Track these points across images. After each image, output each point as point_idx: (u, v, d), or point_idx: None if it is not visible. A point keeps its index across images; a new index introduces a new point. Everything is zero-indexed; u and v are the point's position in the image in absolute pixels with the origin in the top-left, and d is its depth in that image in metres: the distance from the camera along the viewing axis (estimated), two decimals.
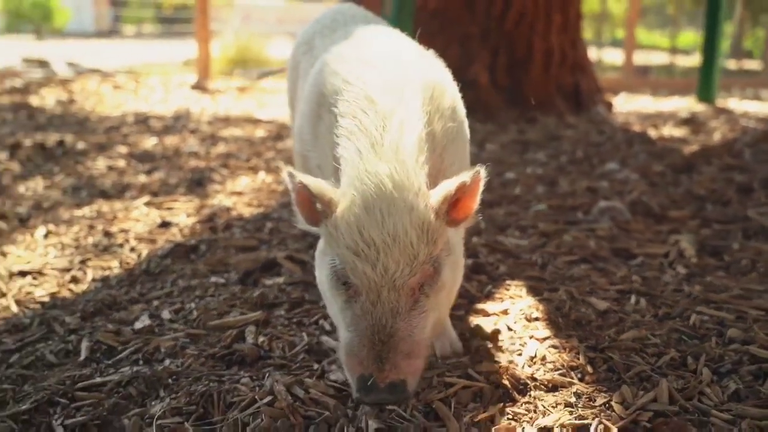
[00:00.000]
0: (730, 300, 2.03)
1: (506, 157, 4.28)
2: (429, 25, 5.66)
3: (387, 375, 1.34)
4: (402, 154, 1.44)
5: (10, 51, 12.91)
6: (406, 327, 1.39)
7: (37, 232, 2.83)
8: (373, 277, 1.37)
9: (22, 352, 1.85)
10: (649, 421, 1.44)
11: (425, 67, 1.73)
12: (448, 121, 1.66)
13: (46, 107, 6.14)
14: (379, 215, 1.37)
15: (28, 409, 1.56)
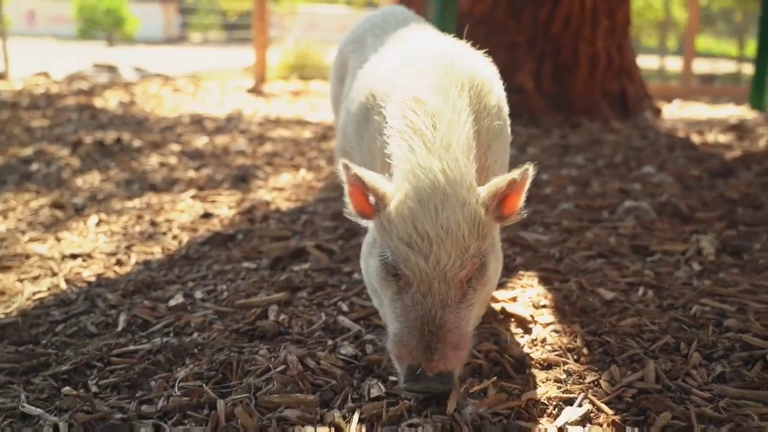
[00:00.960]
0: (736, 294, 2.08)
1: (545, 159, 4.34)
2: (475, 31, 5.72)
3: (435, 365, 1.39)
4: (453, 150, 1.48)
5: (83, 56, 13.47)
6: (455, 319, 1.43)
7: (89, 220, 3.03)
8: (426, 269, 1.41)
9: (67, 323, 2.03)
10: (632, 397, 1.53)
11: (472, 66, 1.75)
12: (493, 120, 1.71)
13: (108, 108, 6.43)
14: (433, 209, 1.42)
15: (67, 370, 1.73)
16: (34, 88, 7.67)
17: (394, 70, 1.73)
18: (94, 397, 1.61)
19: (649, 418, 1.44)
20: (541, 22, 5.71)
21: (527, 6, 5.69)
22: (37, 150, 4.48)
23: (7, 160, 4.27)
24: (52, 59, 12.98)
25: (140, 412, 1.54)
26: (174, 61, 14.02)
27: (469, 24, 5.76)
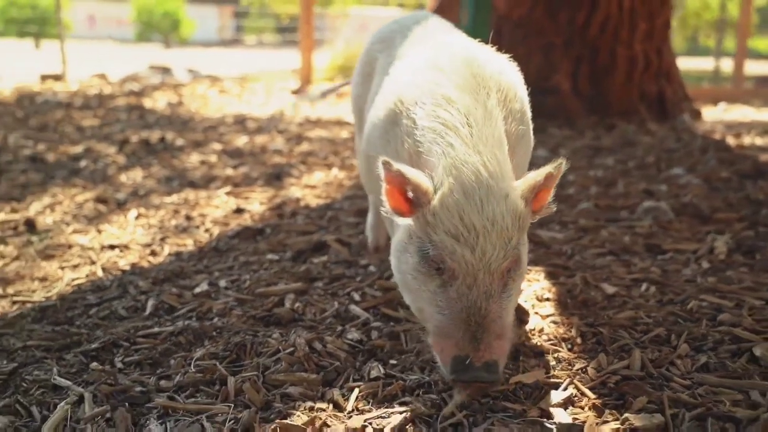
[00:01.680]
0: (737, 291, 2.14)
1: (575, 161, 4.40)
2: (512, 34, 5.83)
3: (482, 354, 1.41)
4: (491, 145, 1.53)
5: (141, 58, 13.88)
6: (497, 309, 1.46)
7: (129, 214, 3.21)
8: (472, 261, 1.44)
9: (100, 307, 2.19)
10: (615, 383, 1.61)
11: (498, 70, 1.77)
12: (518, 124, 1.74)
13: (156, 108, 6.68)
14: (479, 201, 1.44)
15: (96, 348, 1.89)
16: (89, 90, 7.98)
17: (421, 73, 1.75)
18: (118, 372, 1.76)
19: (627, 402, 1.53)
20: (578, 25, 5.75)
21: (564, 9, 5.73)
22: (86, 148, 4.72)
23: (58, 157, 4.50)
24: (111, 61, 13.40)
25: (158, 386, 1.68)
26: (227, 62, 14.34)
27: (507, 27, 5.87)
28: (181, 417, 1.53)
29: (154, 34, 27.89)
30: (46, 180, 3.92)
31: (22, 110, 6.46)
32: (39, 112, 6.31)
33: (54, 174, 4.05)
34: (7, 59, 13.28)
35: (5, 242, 2.90)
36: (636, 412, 1.47)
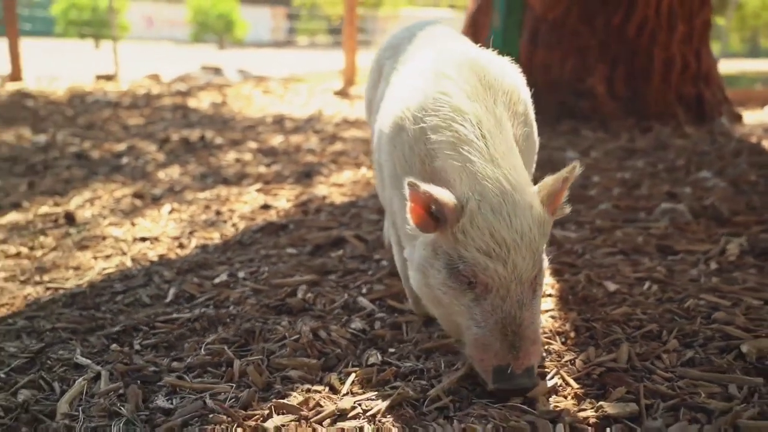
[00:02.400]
0: (738, 291, 2.17)
1: (605, 163, 4.42)
2: (548, 36, 5.86)
3: (522, 362, 1.48)
4: (508, 157, 1.55)
5: (196, 58, 14.23)
6: (530, 316, 1.51)
7: (163, 208, 3.37)
8: (504, 274, 1.48)
9: (126, 294, 2.33)
10: (599, 374, 1.68)
11: (502, 74, 1.78)
12: (523, 126, 1.77)
13: (200, 108, 6.88)
14: (507, 216, 1.47)
15: (117, 331, 2.02)
16: (138, 89, 8.24)
17: (427, 79, 1.75)
18: (135, 353, 1.89)
19: (607, 392, 1.59)
20: (614, 27, 5.74)
21: (600, 11, 5.73)
22: (129, 145, 4.91)
23: (102, 154, 4.70)
24: (166, 62, 13.75)
25: (170, 367, 1.80)
26: (278, 63, 14.57)
27: (543, 28, 5.90)
28: (187, 394, 1.65)
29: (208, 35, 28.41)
30: (89, 176, 4.11)
31: (73, 109, 6.72)
32: (88, 111, 6.56)
33: (97, 170, 4.24)
34: (67, 60, 13.73)
35: (45, 234, 3.07)
36: (614, 402, 1.54)
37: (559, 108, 5.83)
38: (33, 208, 3.48)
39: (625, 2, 5.66)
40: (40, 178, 4.09)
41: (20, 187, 3.90)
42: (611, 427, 1.45)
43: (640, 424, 1.46)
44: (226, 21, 28.79)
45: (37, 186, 3.92)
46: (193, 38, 28.56)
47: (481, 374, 1.56)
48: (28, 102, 7.12)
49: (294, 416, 1.54)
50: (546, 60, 5.87)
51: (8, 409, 1.61)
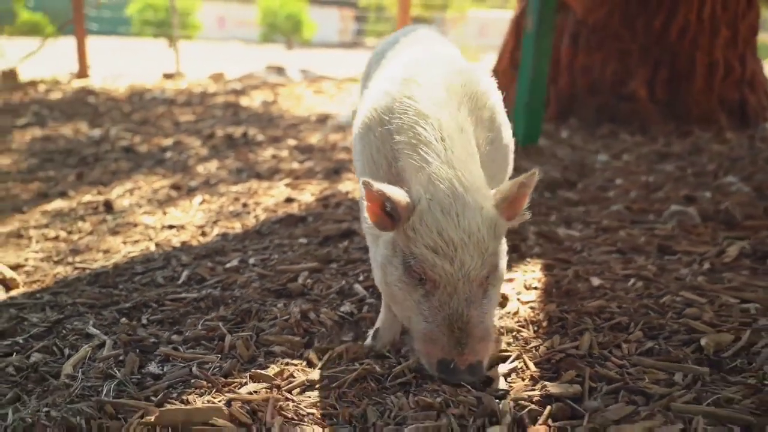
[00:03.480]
0: (719, 290, 2.22)
1: (634, 166, 4.45)
2: (589, 39, 5.89)
3: (467, 358, 1.53)
4: (462, 159, 1.60)
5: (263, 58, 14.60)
6: (479, 314, 1.55)
7: (195, 200, 3.57)
8: (451, 272, 1.52)
9: (144, 275, 2.53)
10: (558, 360, 1.78)
11: (469, 80, 1.83)
12: (487, 131, 1.80)
13: (251, 107, 7.12)
14: (455, 216, 1.52)
15: (129, 306, 2.21)
16: (195, 88, 8.55)
17: (396, 84, 1.80)
18: (141, 327, 2.07)
19: (559, 375, 1.70)
20: (655, 31, 5.74)
21: (641, 15, 5.74)
22: (176, 141, 5.16)
23: (150, 148, 4.96)
24: (235, 61, 14.14)
25: (169, 339, 1.97)
26: (343, 64, 14.77)
27: (584, 32, 5.94)
28: (178, 363, 1.82)
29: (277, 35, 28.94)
30: (134, 168, 4.36)
31: (131, 106, 7.05)
32: (144, 108, 6.88)
33: (142, 163, 4.50)
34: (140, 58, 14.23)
35: (84, 220, 3.31)
36: (560, 383, 1.64)
37: (599, 111, 5.86)
38: (77, 196, 3.74)
39: (666, 7, 5.66)
40: (89, 170, 4.36)
41: (69, 177, 4.17)
42: (552, 405, 1.55)
43: (581, 403, 1.57)
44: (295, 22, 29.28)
45: (85, 176, 4.18)
46: (262, 38, 29.13)
47: (426, 367, 1.61)
48: (91, 98, 7.49)
49: (267, 384, 1.70)
50: (587, 63, 5.91)
51: (20, 369, 1.81)
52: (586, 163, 4.41)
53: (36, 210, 3.52)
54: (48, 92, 8.03)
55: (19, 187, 3.97)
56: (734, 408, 1.52)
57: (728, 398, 1.56)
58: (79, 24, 9.50)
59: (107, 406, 1.56)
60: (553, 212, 3.23)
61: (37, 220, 3.34)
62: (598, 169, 4.29)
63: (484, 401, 1.56)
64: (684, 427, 1.46)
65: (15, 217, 3.40)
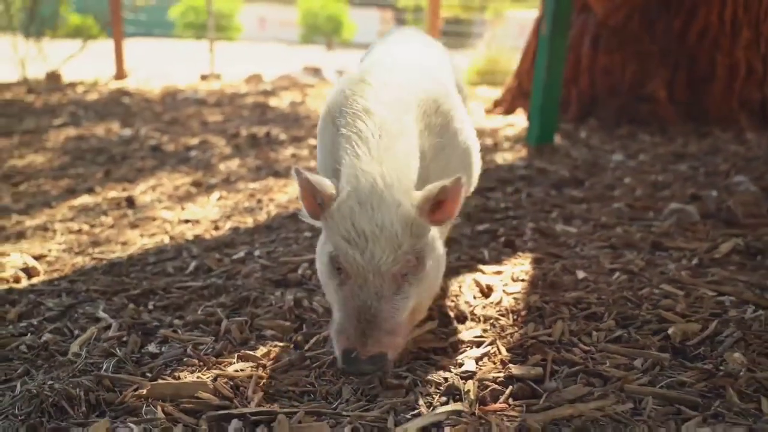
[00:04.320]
0: (699, 283, 2.30)
1: (648, 166, 4.50)
2: (609, 41, 5.94)
3: (369, 349, 1.58)
4: (394, 158, 1.65)
5: (302, 59, 14.80)
6: (389, 309, 1.60)
7: (212, 195, 3.73)
8: (361, 263, 1.58)
9: (155, 265, 2.68)
10: (529, 346, 1.88)
11: (422, 86, 1.89)
12: (436, 137, 1.85)
13: (279, 107, 7.29)
14: (370, 208, 1.57)
15: (137, 293, 2.36)
16: (227, 89, 8.76)
17: (351, 84, 1.88)
18: (147, 312, 2.22)
19: (527, 359, 1.80)
20: (675, 33, 5.77)
21: (661, 17, 5.77)
22: (202, 140, 5.35)
23: (176, 147, 5.15)
24: (275, 62, 14.36)
25: (170, 323, 2.12)
26: None
27: (604, 34, 5.99)
28: (175, 344, 1.96)
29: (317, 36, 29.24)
30: (159, 166, 4.55)
31: (163, 106, 7.27)
32: (175, 109, 7.09)
33: (167, 161, 4.68)
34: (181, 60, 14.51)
35: (107, 214, 3.49)
36: (523, 365, 1.75)
37: (619, 112, 5.90)
38: (103, 192, 3.93)
39: (686, 9, 5.69)
40: (117, 167, 4.55)
41: (97, 174, 4.37)
42: (514, 385, 1.66)
43: (542, 384, 1.67)
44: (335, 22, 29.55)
45: (112, 174, 4.38)
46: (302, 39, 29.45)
47: (335, 353, 1.68)
48: (125, 99, 7.74)
49: (253, 364, 1.83)
50: (607, 65, 5.96)
51: (31, 347, 1.97)
52: (599, 163, 4.47)
53: (64, 205, 3.71)
54: (85, 93, 8.30)
55: (50, 184, 4.18)
56: (685, 390, 1.61)
57: (682, 382, 1.65)
58: (117, 27, 9.79)
59: (105, 380, 1.71)
60: (555, 209, 3.31)
61: (63, 215, 3.53)
62: (611, 168, 4.35)
63: (451, 380, 1.68)
64: (634, 407, 1.56)
65: (44, 212, 3.59)
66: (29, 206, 3.70)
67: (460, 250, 2.73)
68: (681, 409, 1.54)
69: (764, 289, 2.26)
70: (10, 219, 3.45)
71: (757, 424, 1.47)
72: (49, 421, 1.55)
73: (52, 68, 10.10)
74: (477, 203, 3.40)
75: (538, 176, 4.02)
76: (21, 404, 1.60)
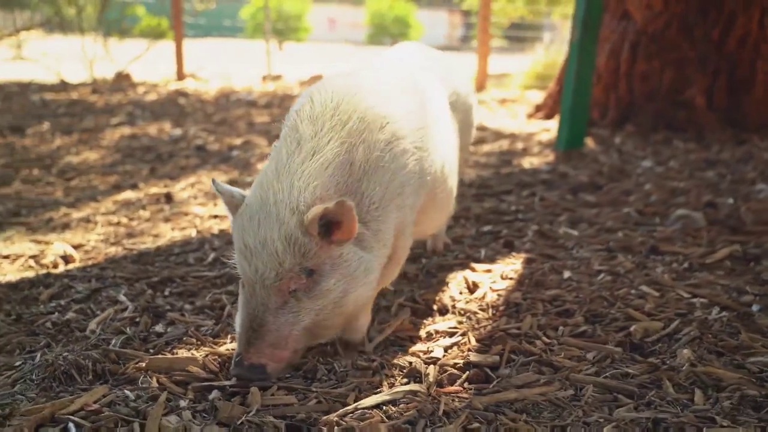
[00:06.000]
0: (678, 286, 2.40)
1: (675, 173, 4.55)
2: (647, 47, 5.98)
3: (250, 357, 1.66)
4: (297, 176, 1.65)
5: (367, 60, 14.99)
6: (274, 321, 1.65)
7: None
8: (249, 275, 1.65)
9: (178, 257, 2.92)
10: (497, 337, 2.03)
11: (366, 103, 1.83)
12: (374, 151, 1.78)
13: None
14: (256, 224, 1.63)
15: (156, 281, 2.60)
16: (281, 90, 9.06)
17: (302, 99, 1.90)
18: (162, 297, 2.45)
19: (491, 349, 1.96)
20: (714, 40, 5.78)
21: (700, 24, 5.79)
22: (245, 140, 5.61)
23: (220, 147, 5.43)
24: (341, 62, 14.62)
25: (181, 308, 2.35)
26: None
27: (643, 41, 6.04)
28: (179, 325, 2.19)
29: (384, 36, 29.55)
30: (200, 165, 4.82)
31: (215, 107, 7.60)
32: (226, 109, 7.41)
33: (209, 160, 4.95)
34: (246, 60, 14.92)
35: (145, 209, 3.76)
36: (482, 354, 1.91)
37: (656, 118, 5.94)
38: (146, 188, 4.21)
39: (725, 16, 5.71)
40: (162, 165, 4.85)
41: (143, 171, 4.67)
42: (470, 370, 1.82)
43: (496, 371, 1.83)
44: (403, 23, 29.82)
45: (156, 171, 4.67)
46: (369, 40, 29.79)
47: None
48: (181, 100, 8.10)
49: None
50: (645, 71, 6.00)
51: (55, 324, 2.22)
52: (625, 169, 4.55)
53: (108, 199, 4.00)
54: (145, 94, 8.71)
55: (99, 179, 4.49)
56: (626, 381, 1.75)
57: (626, 373, 1.79)
58: (178, 29, 10.21)
59: (111, 354, 1.93)
60: (565, 213, 3.44)
61: (107, 208, 3.82)
62: (636, 174, 4.42)
63: (414, 363, 1.85)
64: (575, 393, 1.70)
65: (89, 205, 3.89)
66: (77, 200, 4.00)
67: (461, 250, 2.89)
68: (618, 397, 1.68)
69: (742, 293, 2.36)
70: (59, 211, 3.75)
71: (684, 412, 1.60)
72: (59, 386, 1.78)
73: (119, 69, 10.58)
74: (489, 206, 3.55)
75: (557, 180, 4.13)
76: (38, 371, 1.84)
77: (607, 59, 6.11)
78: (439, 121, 2.16)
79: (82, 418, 1.59)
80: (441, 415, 1.60)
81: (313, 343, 1.85)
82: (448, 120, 2.33)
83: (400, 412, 1.62)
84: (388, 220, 1.81)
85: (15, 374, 1.84)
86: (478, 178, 4.30)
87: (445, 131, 2.22)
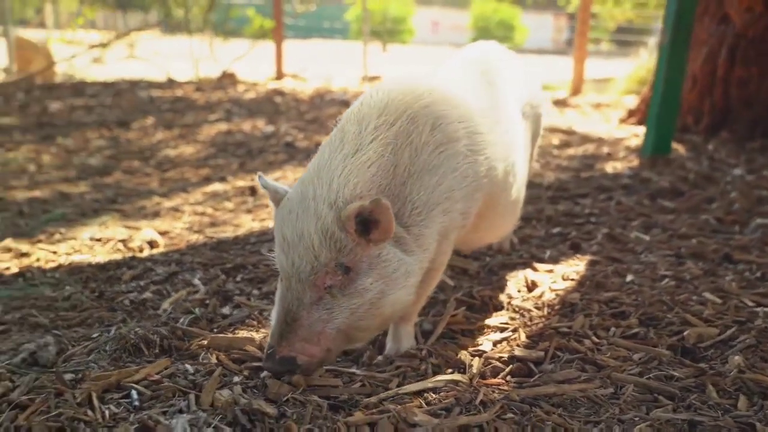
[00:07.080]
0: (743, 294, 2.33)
1: (765, 182, 4.38)
2: (746, 53, 5.77)
3: (281, 350, 1.63)
4: (337, 173, 1.65)
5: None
6: (308, 317, 1.63)
7: None
8: (286, 267, 1.65)
9: (254, 246, 3.06)
10: (547, 334, 2.06)
11: (423, 103, 1.81)
12: (421, 154, 1.76)
13: None
14: (295, 217, 1.63)
15: (229, 267, 2.74)
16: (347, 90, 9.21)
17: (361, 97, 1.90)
18: (233, 282, 2.59)
19: (538, 345, 1.99)
20: None
21: None
22: None
23: (308, 144, 5.61)
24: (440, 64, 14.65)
25: (249, 293, 2.47)
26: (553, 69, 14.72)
27: (741, 45, 5.85)
28: (244, 309, 2.31)
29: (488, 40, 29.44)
30: (287, 160, 4.99)
31: (309, 106, 7.81)
32: (319, 108, 7.60)
33: (296, 156, 5.12)
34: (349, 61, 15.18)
35: (231, 200, 3.94)
36: (527, 349, 1.94)
37: (753, 125, 5.72)
38: (233, 182, 4.40)
39: None
40: (252, 160, 5.05)
41: (233, 165, 4.87)
42: (514, 363, 1.86)
43: (539, 366, 1.86)
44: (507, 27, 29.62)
45: (246, 166, 4.87)
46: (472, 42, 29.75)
47: None
48: (277, 98, 8.36)
49: None
50: (743, 76, 5.79)
51: (133, 302, 2.38)
52: (713, 176, 4.42)
53: (198, 191, 4.21)
54: (245, 92, 9.03)
55: (192, 172, 4.72)
56: (670, 383, 1.75)
57: (670, 375, 1.78)
58: (278, 30, 10.53)
59: (178, 331, 2.07)
60: (639, 218, 3.39)
61: (195, 199, 4.02)
62: (724, 182, 4.29)
63: (460, 356, 1.90)
64: (614, 392, 1.72)
65: (180, 196, 4.10)
66: (170, 190, 4.23)
67: (526, 250, 2.91)
68: (658, 398, 1.68)
69: None
70: (152, 200, 3.98)
71: (724, 417, 1.59)
72: (128, 357, 1.92)
73: (224, 68, 10.99)
74: (563, 208, 3.54)
75: (638, 186, 4.07)
76: (111, 343, 1.99)
77: (703, 63, 5.93)
78: (504, 126, 2.12)
79: (144, 386, 1.72)
80: (477, 404, 1.64)
81: (349, 346, 1.81)
82: (517, 126, 2.30)
83: (439, 399, 1.68)
84: (432, 225, 1.78)
85: (91, 345, 2.00)
86: (557, 180, 4.28)
87: (511, 137, 2.17)
